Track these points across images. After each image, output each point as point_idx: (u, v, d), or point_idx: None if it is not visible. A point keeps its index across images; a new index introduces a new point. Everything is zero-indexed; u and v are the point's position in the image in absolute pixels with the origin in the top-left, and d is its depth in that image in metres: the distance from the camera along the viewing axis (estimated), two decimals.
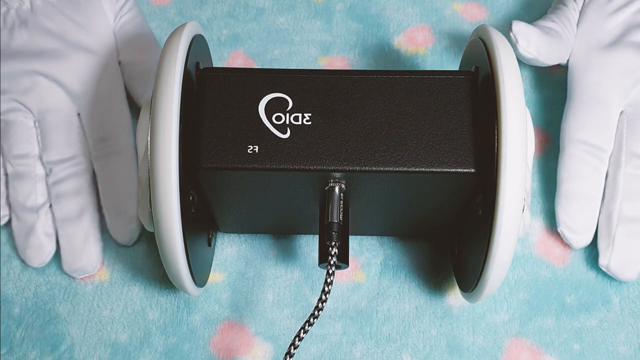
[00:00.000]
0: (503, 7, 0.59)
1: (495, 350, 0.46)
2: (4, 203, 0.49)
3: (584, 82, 0.50)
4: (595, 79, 0.49)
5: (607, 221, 0.47)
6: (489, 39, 0.39)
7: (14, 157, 0.49)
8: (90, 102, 0.50)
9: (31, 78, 0.50)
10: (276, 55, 0.57)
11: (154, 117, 0.36)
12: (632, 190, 0.47)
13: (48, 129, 0.49)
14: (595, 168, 0.48)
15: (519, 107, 0.36)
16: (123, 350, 0.47)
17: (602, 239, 0.47)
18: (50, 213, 0.48)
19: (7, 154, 0.49)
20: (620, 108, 0.49)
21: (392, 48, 0.57)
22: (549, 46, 0.50)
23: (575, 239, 0.48)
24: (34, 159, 0.49)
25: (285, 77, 0.40)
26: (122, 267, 0.49)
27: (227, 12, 0.59)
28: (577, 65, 0.51)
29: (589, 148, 0.48)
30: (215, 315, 0.48)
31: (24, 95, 0.49)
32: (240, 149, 0.39)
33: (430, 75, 0.40)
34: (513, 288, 0.48)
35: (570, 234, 0.48)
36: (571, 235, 0.48)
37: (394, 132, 0.39)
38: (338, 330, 0.47)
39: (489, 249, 0.37)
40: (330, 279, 0.39)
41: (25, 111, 0.50)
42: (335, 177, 0.40)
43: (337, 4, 0.59)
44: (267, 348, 0.47)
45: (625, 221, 0.47)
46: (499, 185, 0.36)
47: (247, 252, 0.50)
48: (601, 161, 0.48)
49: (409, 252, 0.49)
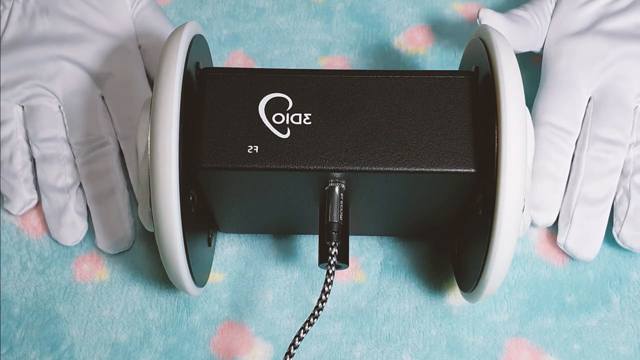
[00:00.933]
0: (503, 7, 0.59)
1: (495, 350, 0.46)
2: (31, 186, 0.50)
3: (555, 68, 0.51)
4: (564, 65, 0.51)
5: (568, 201, 0.48)
6: (489, 39, 0.39)
7: (41, 141, 0.50)
8: (114, 84, 0.51)
9: (55, 63, 0.51)
10: (276, 55, 0.57)
11: (154, 117, 0.36)
12: (593, 172, 0.48)
13: (74, 111, 0.50)
14: (561, 150, 0.49)
15: (519, 107, 0.36)
16: (123, 350, 0.47)
17: (561, 218, 0.48)
18: (81, 192, 0.50)
19: (34, 138, 0.50)
20: (589, 94, 0.50)
21: (392, 48, 0.57)
22: (514, 32, 0.51)
23: (538, 217, 0.48)
24: (61, 141, 0.50)
25: (285, 77, 0.40)
26: (122, 267, 0.49)
27: (227, 12, 0.59)
28: (549, 52, 0.52)
29: (556, 130, 0.49)
30: (215, 315, 0.48)
31: (49, 81, 0.50)
32: (240, 149, 0.39)
33: (430, 75, 0.40)
34: (513, 288, 0.48)
35: (533, 211, 0.48)
36: (534, 213, 0.48)
37: (394, 132, 0.39)
38: (338, 330, 0.47)
39: (489, 249, 0.37)
40: (330, 279, 0.39)
41: (50, 96, 0.50)
42: (335, 177, 0.40)
43: (337, 4, 0.59)
44: (267, 348, 0.47)
45: (584, 202, 0.48)
46: (499, 185, 0.36)
47: (247, 252, 0.50)
48: (567, 143, 0.49)
49: (409, 252, 0.49)
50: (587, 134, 0.49)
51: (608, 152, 0.48)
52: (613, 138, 0.49)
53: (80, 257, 0.49)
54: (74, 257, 0.49)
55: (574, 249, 0.48)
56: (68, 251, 0.50)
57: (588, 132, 0.49)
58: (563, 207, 0.49)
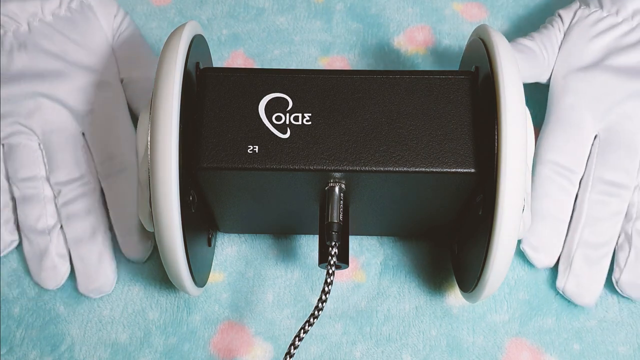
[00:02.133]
0: (503, 7, 0.59)
1: (495, 350, 0.46)
2: (12, 228, 0.48)
3: (561, 104, 0.49)
4: (570, 102, 0.49)
5: (569, 244, 0.47)
6: (489, 39, 0.39)
7: (21, 181, 0.48)
8: (95, 121, 0.50)
9: (34, 100, 0.49)
10: (276, 55, 0.57)
11: (154, 117, 0.36)
12: (595, 216, 0.47)
13: (54, 149, 0.49)
14: (564, 189, 0.48)
15: (519, 107, 0.36)
16: (123, 350, 0.47)
17: (562, 262, 0.47)
18: (62, 234, 0.48)
19: (14, 177, 0.48)
20: (595, 132, 0.49)
21: (392, 48, 0.57)
22: (520, 63, 0.49)
23: (537, 258, 0.47)
24: (41, 181, 0.48)
25: (285, 77, 0.40)
26: (122, 267, 0.49)
27: (227, 12, 0.59)
28: (556, 86, 0.50)
29: (559, 169, 0.48)
30: (215, 315, 0.48)
31: (28, 118, 0.49)
32: (240, 149, 0.39)
33: (430, 75, 0.40)
34: (513, 288, 0.48)
35: (532, 252, 0.47)
36: (533, 254, 0.47)
37: (394, 132, 0.39)
38: (338, 330, 0.47)
39: (489, 249, 0.37)
40: (330, 279, 0.39)
41: (29, 133, 0.49)
42: (335, 177, 0.40)
43: (337, 4, 0.59)
44: (267, 348, 0.47)
45: (585, 246, 0.46)
46: (499, 185, 0.36)
47: (247, 252, 0.50)
48: (571, 183, 0.48)
49: (409, 252, 0.49)
50: (590, 174, 0.48)
51: (611, 195, 0.47)
52: (617, 181, 0.47)
53: None
54: None
55: (574, 294, 0.46)
56: None
57: (592, 173, 0.48)
58: (564, 250, 0.47)
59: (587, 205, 0.47)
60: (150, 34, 0.58)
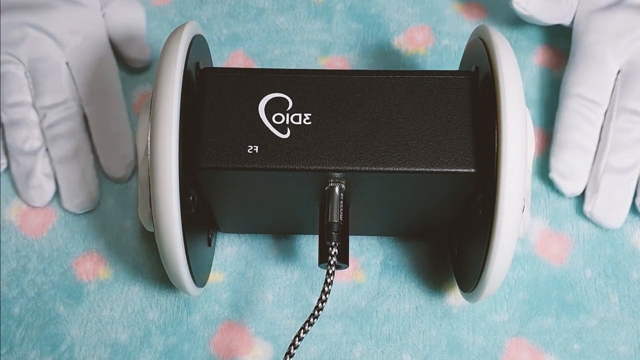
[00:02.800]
0: (503, 7, 0.58)
1: (495, 350, 0.46)
2: (1, 152, 0.51)
3: (584, 42, 0.52)
4: (594, 39, 0.52)
5: (595, 170, 0.49)
6: (489, 39, 0.39)
7: (9, 106, 0.51)
8: (78, 51, 0.53)
9: (21, 30, 0.52)
10: (276, 55, 0.57)
11: (154, 117, 0.36)
12: (619, 143, 0.49)
13: (40, 76, 0.52)
14: (590, 120, 0.50)
15: (519, 107, 0.36)
16: (123, 350, 0.47)
17: (589, 188, 0.49)
18: (47, 156, 0.51)
19: (2, 103, 0.51)
20: (618, 67, 0.51)
21: (392, 48, 0.57)
22: (546, 4, 0.52)
23: (566, 186, 0.49)
24: (27, 106, 0.51)
25: (285, 77, 0.40)
26: (122, 267, 0.49)
27: (227, 12, 0.59)
28: (579, 26, 0.53)
29: (585, 102, 0.50)
30: (215, 315, 0.48)
31: (15, 47, 0.52)
32: (240, 149, 0.39)
33: (430, 75, 0.40)
34: (513, 288, 0.48)
35: (561, 180, 0.49)
36: (562, 182, 0.49)
37: (394, 132, 0.39)
38: (338, 330, 0.47)
39: (489, 249, 0.37)
40: (330, 279, 0.39)
41: (16, 62, 0.52)
42: (335, 177, 0.40)
43: (337, 4, 0.59)
44: (267, 348, 0.47)
45: (611, 171, 0.49)
46: (499, 185, 0.36)
47: (247, 252, 0.50)
48: (596, 115, 0.50)
49: (409, 252, 0.49)
50: (614, 105, 0.50)
51: (635, 122, 0.49)
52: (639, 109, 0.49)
53: (80, 257, 0.49)
54: (74, 256, 0.49)
55: (600, 217, 0.49)
56: (68, 251, 0.50)
57: (616, 104, 0.50)
58: (591, 177, 0.49)
59: (612, 133, 0.49)
60: (150, 34, 0.58)
